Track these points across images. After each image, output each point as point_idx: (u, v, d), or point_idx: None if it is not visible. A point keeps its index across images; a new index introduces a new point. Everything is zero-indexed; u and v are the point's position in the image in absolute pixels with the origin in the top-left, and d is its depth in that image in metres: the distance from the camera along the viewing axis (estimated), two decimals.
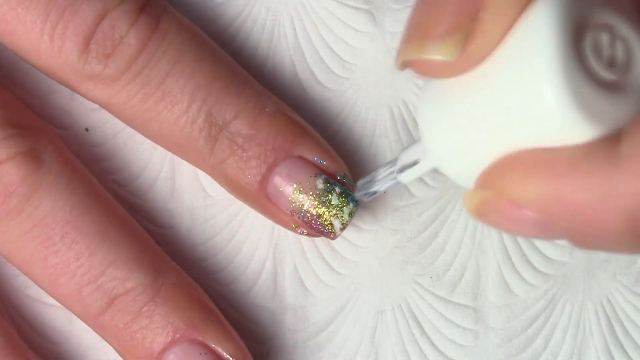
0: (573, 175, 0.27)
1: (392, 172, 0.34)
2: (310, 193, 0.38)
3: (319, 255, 0.41)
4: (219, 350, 0.37)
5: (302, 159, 0.38)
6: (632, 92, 0.28)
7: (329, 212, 0.38)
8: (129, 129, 0.40)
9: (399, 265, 0.41)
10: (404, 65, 0.30)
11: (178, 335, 0.37)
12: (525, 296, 0.41)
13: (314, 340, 0.41)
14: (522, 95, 0.27)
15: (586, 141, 0.27)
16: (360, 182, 0.37)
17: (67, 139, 0.40)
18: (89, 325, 0.38)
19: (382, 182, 0.35)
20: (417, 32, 0.29)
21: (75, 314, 0.38)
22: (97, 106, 0.40)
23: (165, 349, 0.37)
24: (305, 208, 0.38)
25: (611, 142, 0.27)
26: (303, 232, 0.38)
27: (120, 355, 0.38)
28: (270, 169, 0.38)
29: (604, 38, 0.28)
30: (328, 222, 0.38)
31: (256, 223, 0.40)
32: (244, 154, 0.38)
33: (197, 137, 0.38)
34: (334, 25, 0.41)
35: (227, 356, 0.37)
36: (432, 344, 0.41)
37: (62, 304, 0.38)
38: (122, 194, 0.40)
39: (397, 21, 0.41)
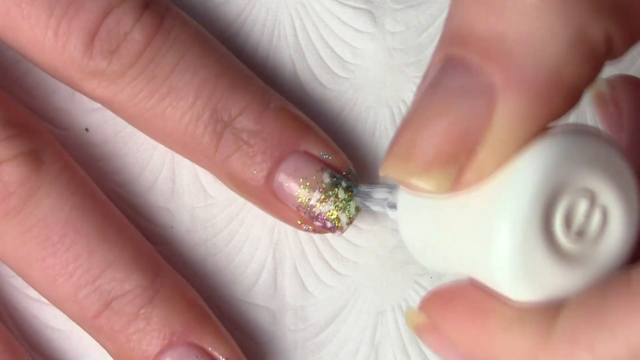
0: (503, 336, 0.27)
1: (387, 199, 0.34)
2: (317, 187, 0.38)
3: (319, 255, 0.41)
4: (215, 353, 0.37)
5: (307, 154, 0.38)
6: (589, 265, 0.27)
7: (335, 206, 0.38)
8: (129, 129, 0.40)
9: (399, 265, 0.41)
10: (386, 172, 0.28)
11: (175, 338, 0.37)
12: None
13: (314, 340, 0.41)
14: (482, 235, 0.26)
15: (525, 302, 0.26)
16: (359, 189, 0.37)
17: (67, 139, 0.40)
18: (84, 328, 0.38)
19: (375, 203, 0.35)
20: (406, 152, 0.26)
21: (71, 317, 0.38)
22: (97, 106, 0.40)
23: (162, 352, 0.37)
24: (311, 202, 0.38)
25: (551, 312, 0.26)
26: (308, 229, 0.38)
27: (116, 359, 0.38)
28: (277, 164, 0.38)
29: (582, 205, 0.26)
30: (335, 216, 0.38)
31: (256, 223, 0.40)
32: (250, 150, 0.38)
33: (202, 133, 0.38)
34: (334, 25, 0.41)
35: (223, 359, 0.37)
36: None
37: (57, 307, 0.38)
38: (122, 194, 0.40)
39: (397, 21, 0.41)
